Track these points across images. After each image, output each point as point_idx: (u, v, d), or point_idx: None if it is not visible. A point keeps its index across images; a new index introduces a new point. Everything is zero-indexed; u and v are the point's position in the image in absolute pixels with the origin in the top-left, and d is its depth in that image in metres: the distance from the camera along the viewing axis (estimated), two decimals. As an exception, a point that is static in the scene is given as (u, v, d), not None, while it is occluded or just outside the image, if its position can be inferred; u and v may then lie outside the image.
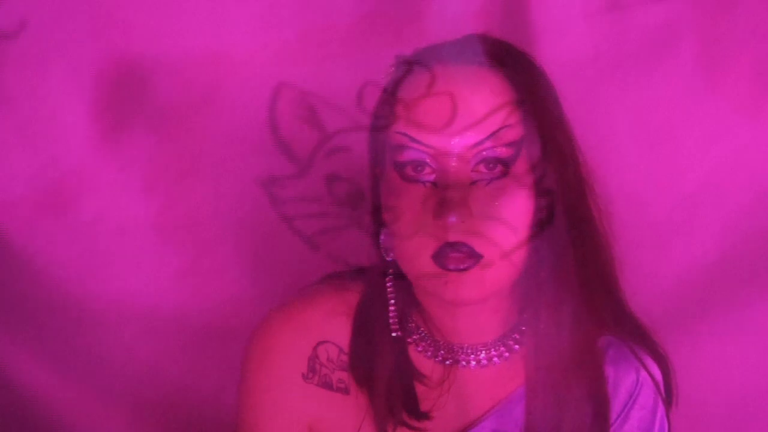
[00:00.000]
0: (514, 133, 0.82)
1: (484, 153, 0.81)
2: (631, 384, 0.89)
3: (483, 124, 0.81)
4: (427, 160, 0.82)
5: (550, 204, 0.97)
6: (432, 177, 0.81)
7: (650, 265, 1.37)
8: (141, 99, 1.32)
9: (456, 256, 0.79)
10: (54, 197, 1.34)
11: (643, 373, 0.90)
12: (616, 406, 0.88)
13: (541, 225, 0.88)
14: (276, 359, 0.91)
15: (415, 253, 0.82)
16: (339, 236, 1.07)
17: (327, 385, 0.90)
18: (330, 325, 0.91)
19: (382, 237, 0.90)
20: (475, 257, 0.79)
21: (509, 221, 0.81)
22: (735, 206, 1.37)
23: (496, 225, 0.80)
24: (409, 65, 0.86)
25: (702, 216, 1.38)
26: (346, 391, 0.89)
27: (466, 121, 0.81)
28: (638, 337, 0.91)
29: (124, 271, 1.36)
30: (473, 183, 0.80)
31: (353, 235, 1.09)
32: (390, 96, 0.87)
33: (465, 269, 0.79)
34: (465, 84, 0.82)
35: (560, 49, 1.35)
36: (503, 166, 0.81)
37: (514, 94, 0.82)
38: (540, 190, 0.86)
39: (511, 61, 0.84)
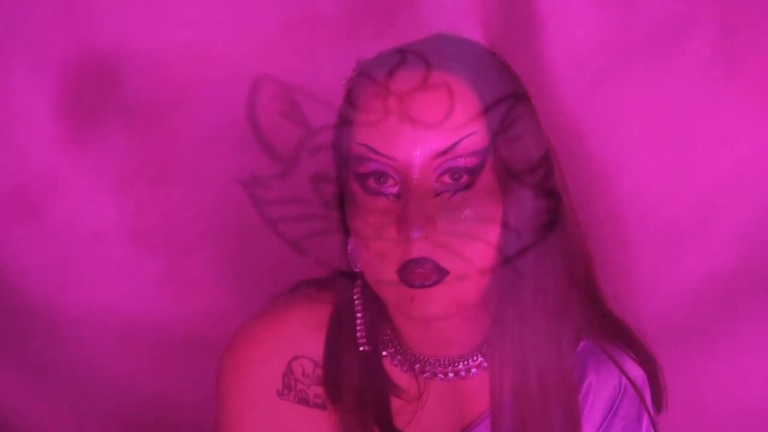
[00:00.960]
0: (479, 141, 0.83)
1: (448, 163, 0.83)
2: (612, 391, 0.92)
3: (445, 133, 0.82)
4: (389, 172, 0.84)
5: (554, 206, 1.00)
6: (395, 189, 0.83)
7: (661, 272, 1.40)
8: (113, 95, 1.34)
9: (421, 272, 0.81)
10: (21, 201, 1.36)
11: (626, 379, 0.93)
12: (596, 416, 0.92)
13: (545, 229, 0.90)
14: (249, 378, 0.94)
15: (379, 268, 0.85)
16: (327, 240, 1.09)
17: (303, 401, 0.93)
18: (304, 339, 0.94)
19: (349, 246, 0.93)
20: (440, 272, 0.82)
21: (476, 233, 0.82)
22: (753, 211, 1.38)
23: (463, 238, 0.82)
24: (365, 74, 0.88)
25: (717, 221, 1.40)
26: (323, 407, 0.93)
27: (429, 131, 0.82)
28: (621, 340, 0.95)
29: (97, 279, 1.38)
30: (438, 194, 0.82)
31: (337, 237, 1.11)
32: (348, 106, 0.90)
33: (430, 285, 0.81)
34: (427, 92, 0.84)
35: (564, 38, 1.36)
36: (469, 176, 0.82)
37: (478, 101, 0.84)
38: (542, 193, 0.88)
39: (476, 65, 0.86)
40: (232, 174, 1.09)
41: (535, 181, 0.87)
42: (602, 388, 0.93)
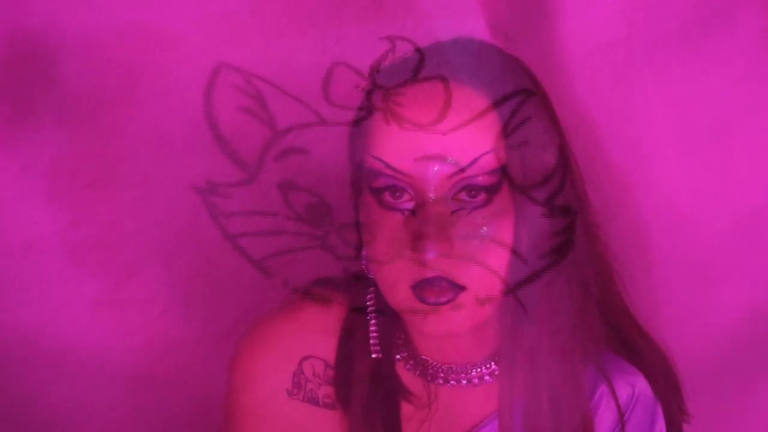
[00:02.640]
0: (498, 158, 0.93)
1: (465, 181, 0.92)
2: (625, 401, 1.05)
3: (463, 150, 0.92)
4: (405, 188, 0.94)
5: (570, 225, 1.06)
6: (410, 205, 0.94)
7: (693, 306, 1.41)
8: (45, 86, 1.33)
9: (435, 290, 0.93)
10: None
11: (639, 388, 1.06)
12: (606, 424, 1.04)
13: (560, 251, 1.02)
14: (259, 376, 1.07)
15: (393, 283, 0.97)
16: (298, 260, 1.10)
17: (313, 401, 1.05)
18: (315, 339, 1.07)
19: (364, 252, 1.03)
20: (455, 290, 0.93)
21: (491, 251, 0.94)
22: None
23: (478, 256, 0.93)
24: (380, 85, 0.98)
25: (760, 245, 1.40)
26: (332, 407, 1.05)
27: (446, 148, 0.92)
28: (639, 355, 1.08)
29: (28, 299, 1.38)
30: (454, 212, 0.93)
31: (316, 257, 1.13)
32: (365, 114, 1.00)
33: (445, 302, 0.93)
34: (444, 105, 0.93)
35: (584, 25, 1.37)
36: (486, 194, 0.93)
37: (498, 118, 0.94)
38: (554, 211, 1.00)
39: (497, 77, 0.96)
40: (185, 179, 1.11)
41: (551, 198, 0.99)
42: (614, 398, 1.06)
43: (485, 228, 0.93)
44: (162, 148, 1.33)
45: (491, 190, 0.94)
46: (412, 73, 0.99)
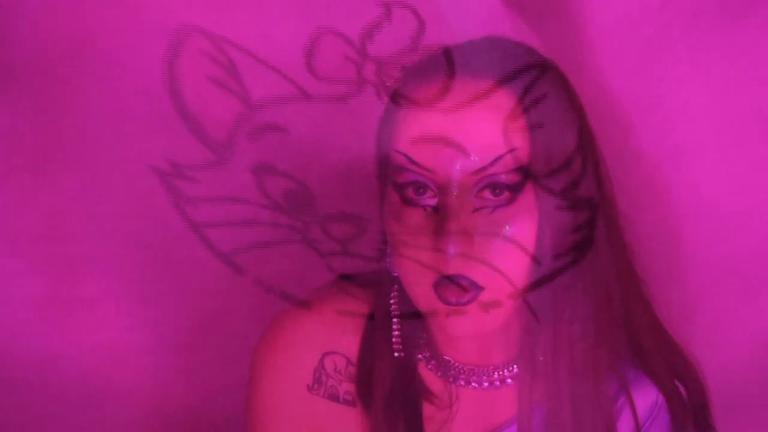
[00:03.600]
0: (522, 157, 1.02)
1: (489, 179, 1.02)
2: (647, 409, 1.16)
3: (488, 148, 1.01)
4: (428, 184, 1.04)
5: (590, 220, 1.11)
6: (433, 201, 1.04)
7: (732, 318, 1.41)
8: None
9: (456, 289, 1.02)
10: None
11: (659, 402, 1.16)
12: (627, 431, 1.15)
13: (580, 249, 1.09)
14: (280, 370, 1.17)
15: (415, 281, 1.07)
16: (274, 255, 1.11)
17: (333, 397, 1.16)
18: (338, 335, 1.17)
19: (388, 250, 1.11)
20: (476, 289, 1.02)
21: (514, 250, 1.02)
22: None
23: (500, 255, 1.02)
24: (413, 76, 1.06)
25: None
26: (353, 404, 1.16)
27: (471, 145, 1.01)
28: (667, 360, 1.18)
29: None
30: (477, 210, 1.02)
31: (295, 253, 1.14)
32: (392, 108, 1.07)
33: (466, 303, 1.03)
34: (470, 103, 1.02)
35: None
36: (510, 192, 1.02)
37: (524, 116, 1.03)
38: (573, 203, 1.08)
39: (525, 75, 1.04)
40: (144, 160, 1.11)
41: (570, 188, 1.07)
42: (638, 405, 1.16)
43: (508, 227, 1.02)
44: (117, 124, 1.32)
45: (515, 189, 1.02)
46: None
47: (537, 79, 1.07)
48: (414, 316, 1.13)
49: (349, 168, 1.23)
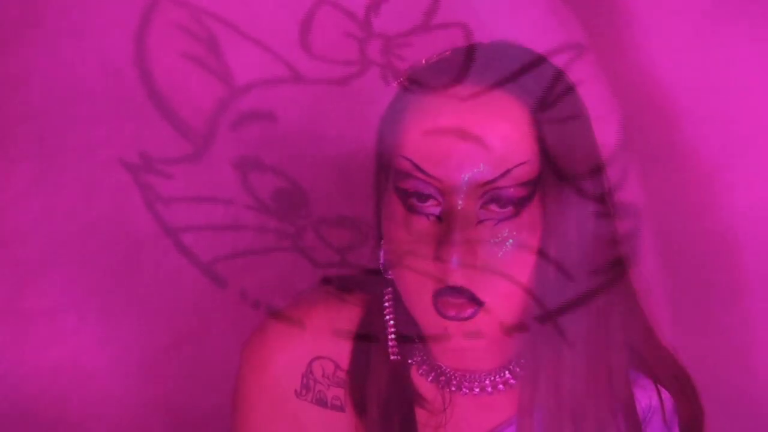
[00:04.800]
0: (530, 171, 1.10)
1: (495, 192, 1.10)
2: (644, 409, 1.27)
3: (497, 160, 1.09)
4: (432, 193, 1.11)
5: (633, 230, 1.15)
6: (437, 210, 1.11)
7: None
8: None
9: (456, 302, 1.11)
10: None
11: (656, 401, 1.27)
12: None
13: (619, 265, 1.17)
14: (267, 376, 1.26)
15: (415, 290, 1.14)
16: (261, 264, 1.16)
17: (321, 402, 1.26)
18: (326, 340, 1.26)
19: (381, 251, 1.19)
20: (476, 304, 1.11)
21: (516, 264, 1.11)
22: None
23: (502, 269, 1.11)
24: (417, 82, 1.12)
25: None
26: (341, 409, 1.26)
27: (480, 156, 1.09)
28: (660, 365, 1.29)
29: None
30: (481, 222, 1.10)
31: (285, 262, 1.15)
32: (397, 111, 1.13)
33: (465, 319, 1.11)
34: (482, 112, 1.10)
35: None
36: (515, 207, 1.10)
37: (535, 129, 1.10)
38: (612, 211, 1.16)
39: (536, 87, 1.12)
40: (110, 151, 1.17)
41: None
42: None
43: (511, 240, 1.10)
44: (76, 107, 1.32)
45: (520, 203, 1.10)
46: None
47: (551, 90, 1.14)
48: (407, 318, 1.20)
49: (350, 163, 1.25)
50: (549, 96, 1.13)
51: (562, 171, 1.13)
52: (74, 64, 1.28)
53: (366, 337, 1.26)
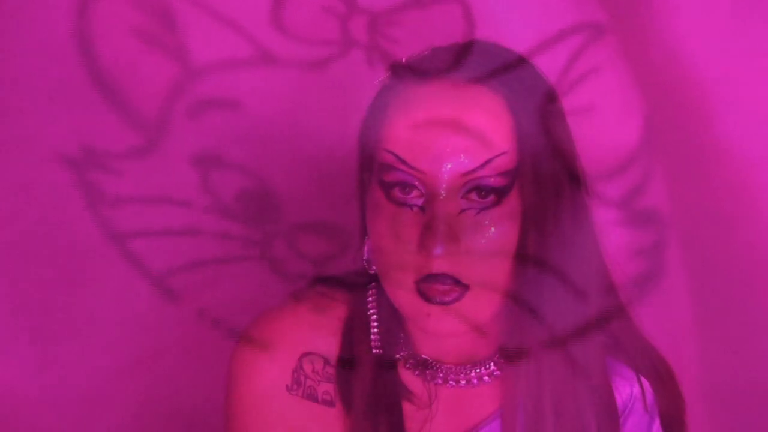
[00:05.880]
0: (510, 160, 1.24)
1: (477, 181, 1.23)
2: (625, 399, 1.41)
3: (478, 150, 1.23)
4: (416, 184, 1.24)
5: (659, 241, 1.19)
6: (420, 201, 1.25)
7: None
8: None
9: (440, 288, 1.24)
10: None
11: (637, 390, 1.40)
12: None
13: (644, 282, 1.26)
14: (259, 371, 1.37)
15: (398, 279, 1.27)
16: (221, 276, 1.15)
17: (312, 397, 1.38)
18: (315, 337, 1.38)
19: (365, 247, 1.31)
20: (460, 288, 1.24)
21: (498, 252, 1.25)
22: None
23: (485, 256, 1.25)
24: (399, 76, 1.25)
25: None
26: (331, 404, 1.38)
27: (461, 147, 1.23)
28: (640, 356, 1.41)
29: None
30: (463, 211, 1.24)
31: (251, 274, 1.17)
32: (379, 106, 1.24)
33: (449, 302, 1.24)
34: (462, 105, 1.24)
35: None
36: (496, 196, 1.24)
37: (512, 120, 1.25)
38: (634, 217, 1.22)
39: (513, 80, 1.26)
40: (47, 144, 1.12)
41: (557, 198, 1.26)
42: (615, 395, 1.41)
43: (493, 229, 1.24)
44: (6, 94, 1.29)
45: (501, 192, 1.24)
46: (434, 70, 1.23)
47: (524, 80, 1.26)
48: (392, 313, 1.33)
49: (328, 161, 1.25)
50: (524, 88, 1.25)
51: (538, 161, 1.26)
52: (4, 41, 1.28)
53: (350, 330, 1.38)
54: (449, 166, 1.23)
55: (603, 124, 1.18)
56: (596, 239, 1.31)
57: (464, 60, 1.25)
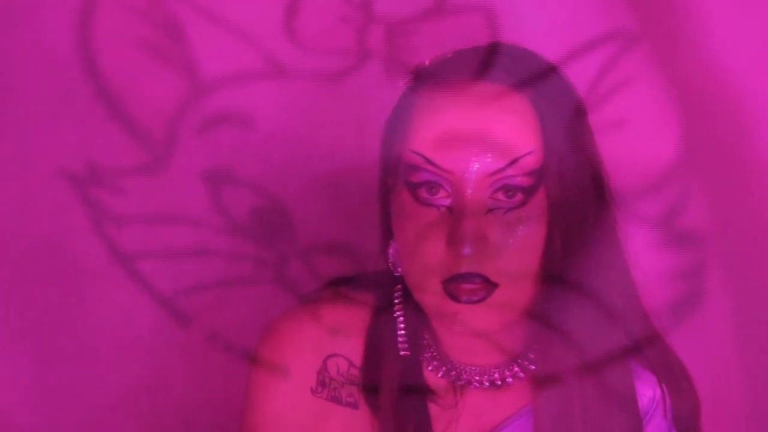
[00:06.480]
0: (536, 160, 1.30)
1: (504, 181, 1.29)
2: (647, 402, 1.47)
3: (504, 150, 1.29)
4: (443, 184, 1.30)
5: (699, 264, 1.20)
6: (447, 201, 1.31)
7: None
8: None
9: (468, 287, 1.30)
10: None
11: (659, 392, 1.46)
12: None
13: (684, 306, 1.28)
14: (284, 372, 1.43)
15: (425, 280, 1.33)
16: (232, 298, 1.16)
17: (336, 400, 1.45)
18: (339, 338, 1.44)
19: (390, 250, 1.37)
20: (488, 287, 1.30)
21: (525, 251, 1.32)
22: None
23: (512, 256, 1.31)
24: (427, 78, 1.31)
25: None
26: (355, 406, 1.45)
27: (487, 147, 1.29)
28: (658, 357, 1.47)
29: None
30: (490, 211, 1.30)
31: (264, 296, 1.18)
32: (405, 109, 1.30)
33: (477, 301, 1.30)
34: (487, 105, 1.30)
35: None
36: (523, 195, 1.30)
37: (538, 120, 1.31)
38: (675, 241, 1.25)
39: (537, 81, 1.33)
40: (50, 160, 1.13)
41: (581, 200, 1.33)
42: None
43: (520, 228, 1.30)
44: (9, 107, 1.30)
45: (529, 191, 1.30)
46: (461, 72, 1.29)
47: (549, 81, 1.33)
48: (417, 313, 1.37)
49: (343, 178, 1.26)
50: (549, 89, 1.32)
51: (563, 161, 1.32)
52: (6, 54, 1.30)
53: (376, 332, 1.43)
54: (476, 166, 1.28)
55: (637, 138, 1.19)
56: (623, 252, 1.36)
57: (489, 62, 1.31)
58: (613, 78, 1.12)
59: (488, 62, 1.31)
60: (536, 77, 1.31)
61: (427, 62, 1.33)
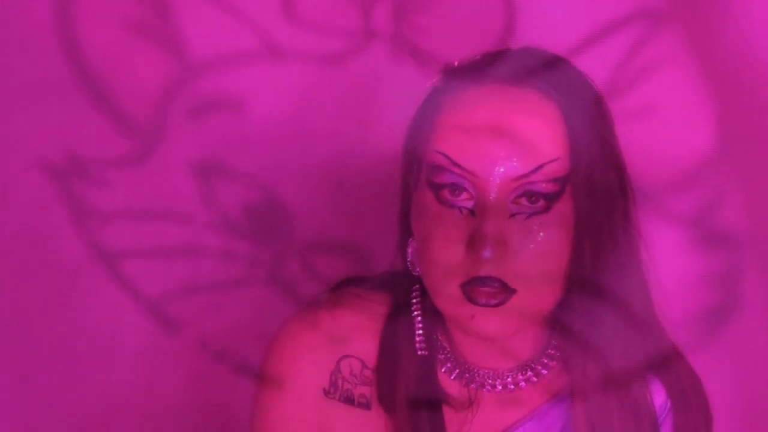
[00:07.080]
0: (562, 167, 1.36)
1: (527, 186, 1.36)
2: (660, 406, 1.53)
3: (530, 155, 1.36)
4: (466, 186, 1.38)
5: (733, 271, 1.22)
6: (470, 204, 1.38)
7: None
8: None
9: (486, 290, 1.36)
10: None
11: (670, 401, 1.54)
12: None
13: (718, 315, 1.28)
14: (297, 373, 1.50)
15: (443, 281, 1.39)
16: (224, 301, 1.15)
17: (348, 400, 1.53)
18: (353, 339, 1.52)
19: (409, 249, 1.45)
20: (506, 292, 1.36)
21: (547, 258, 1.39)
22: None
23: (533, 261, 1.37)
24: (455, 78, 1.40)
25: None
26: (367, 407, 1.54)
27: (513, 152, 1.38)
28: (672, 377, 1.55)
29: None
30: (512, 215, 1.37)
31: (259, 298, 1.18)
32: (430, 108, 1.38)
33: (495, 305, 1.36)
34: (516, 110, 1.38)
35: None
36: (546, 201, 1.37)
37: (565, 126, 1.39)
38: (709, 243, 1.29)
39: (566, 88, 1.40)
40: (28, 150, 1.13)
41: (610, 208, 1.40)
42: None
43: (541, 234, 1.36)
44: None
45: (551, 198, 1.36)
46: (489, 74, 1.38)
47: (577, 88, 1.40)
48: (434, 315, 1.45)
49: (345, 171, 1.27)
50: (577, 96, 1.39)
51: (591, 170, 1.39)
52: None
53: (392, 332, 1.50)
54: (501, 169, 1.35)
55: (667, 126, 1.20)
56: (642, 261, 1.43)
57: (520, 66, 1.38)
58: (640, 61, 1.13)
59: (519, 66, 1.38)
60: (565, 84, 1.37)
61: (455, 63, 1.41)
